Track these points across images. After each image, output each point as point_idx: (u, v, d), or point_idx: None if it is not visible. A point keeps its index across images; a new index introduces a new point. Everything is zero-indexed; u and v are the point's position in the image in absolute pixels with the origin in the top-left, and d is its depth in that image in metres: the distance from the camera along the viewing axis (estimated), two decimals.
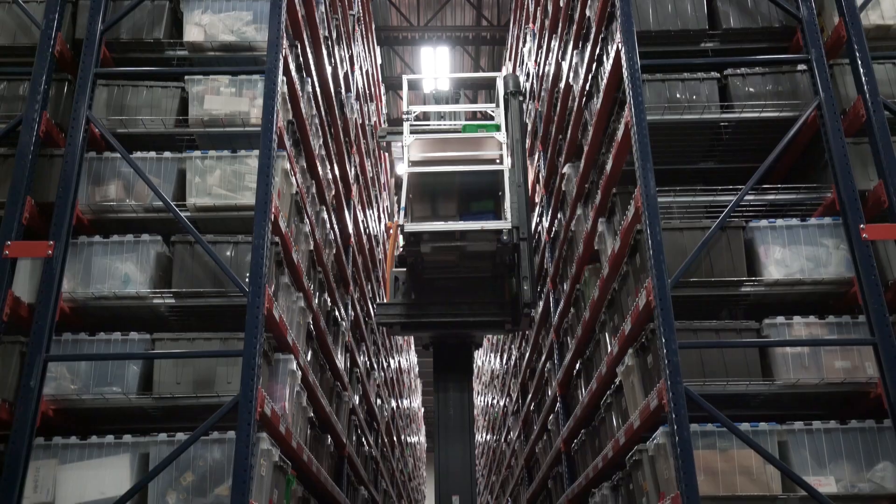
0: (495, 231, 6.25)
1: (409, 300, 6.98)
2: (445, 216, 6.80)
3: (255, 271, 4.58)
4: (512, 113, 7.11)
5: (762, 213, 5.16)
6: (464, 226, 6.26)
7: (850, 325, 4.66)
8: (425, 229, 6.24)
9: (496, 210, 6.68)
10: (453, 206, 6.76)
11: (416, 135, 6.67)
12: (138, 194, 5.05)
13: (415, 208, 6.73)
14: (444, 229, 6.25)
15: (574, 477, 7.40)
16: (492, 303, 6.98)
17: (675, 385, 4.26)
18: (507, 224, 6.24)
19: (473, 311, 6.95)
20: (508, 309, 6.93)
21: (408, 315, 6.96)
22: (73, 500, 4.32)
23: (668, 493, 4.38)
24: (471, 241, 6.35)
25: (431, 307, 6.96)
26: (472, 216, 6.69)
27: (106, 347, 4.73)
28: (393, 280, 7.04)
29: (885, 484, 4.27)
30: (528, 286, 6.49)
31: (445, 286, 7.01)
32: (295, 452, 5.28)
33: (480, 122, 7.32)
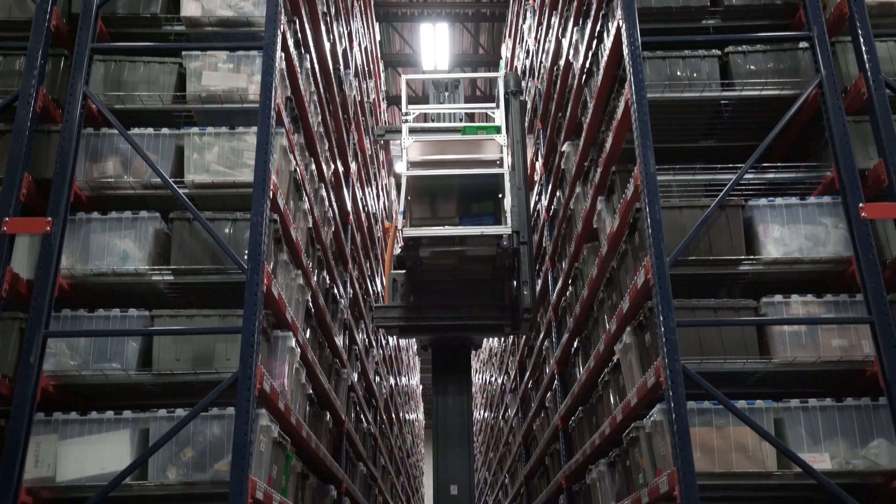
0: (495, 236, 6.19)
1: (408, 303, 6.93)
2: (445, 218, 6.76)
3: (254, 248, 4.58)
4: (512, 113, 6.98)
5: (761, 192, 5.15)
6: (463, 231, 6.20)
7: (847, 304, 4.68)
8: (424, 234, 6.18)
9: (496, 212, 6.62)
10: (452, 208, 6.70)
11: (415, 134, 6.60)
12: (136, 171, 5.03)
13: (414, 210, 6.68)
14: (443, 234, 6.19)
15: (571, 453, 7.45)
16: (491, 306, 6.92)
17: (673, 363, 4.28)
18: (506, 229, 6.17)
19: (473, 314, 6.90)
20: (508, 312, 6.87)
21: (407, 318, 6.90)
22: (73, 475, 4.36)
23: (664, 469, 4.42)
24: (470, 245, 6.29)
25: (431, 310, 6.90)
26: (472, 218, 6.63)
27: (105, 324, 4.74)
28: (391, 282, 6.99)
29: (880, 461, 4.31)
30: (528, 291, 6.42)
31: (444, 289, 6.96)
32: (294, 429, 5.31)
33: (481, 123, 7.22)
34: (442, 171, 6.43)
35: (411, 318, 6.91)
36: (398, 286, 6.98)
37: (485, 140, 6.58)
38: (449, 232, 6.21)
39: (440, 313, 6.91)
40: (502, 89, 7.00)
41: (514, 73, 7.27)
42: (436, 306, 6.93)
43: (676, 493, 4.08)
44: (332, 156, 7.86)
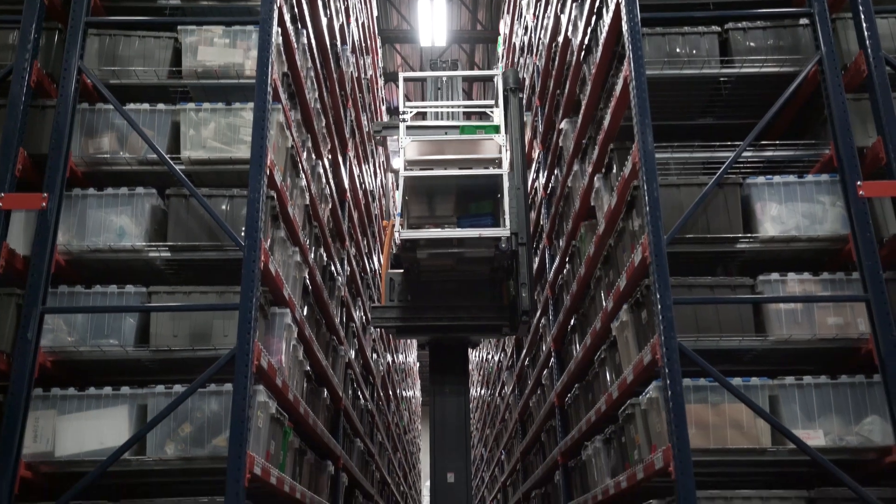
0: (493, 238, 6.12)
1: (406, 303, 6.87)
2: (443, 217, 6.71)
3: (251, 225, 4.57)
4: (512, 111, 6.88)
5: (760, 170, 5.14)
6: (461, 233, 6.13)
7: (843, 282, 4.69)
8: (421, 236, 6.13)
9: (494, 212, 6.56)
10: (450, 207, 6.65)
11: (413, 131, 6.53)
12: (132, 146, 5.01)
13: (411, 208, 6.62)
14: (441, 236, 6.13)
15: (567, 430, 7.50)
16: (489, 307, 6.87)
17: (669, 340, 4.30)
18: (505, 231, 6.10)
19: (471, 315, 6.85)
20: (506, 313, 6.81)
21: (404, 319, 6.86)
22: (72, 450, 4.38)
23: (659, 445, 4.45)
24: (468, 247, 6.22)
25: (428, 310, 6.85)
26: (470, 219, 6.57)
27: (102, 300, 4.74)
28: (388, 282, 6.94)
29: (873, 437, 4.34)
30: (527, 293, 6.36)
31: (442, 289, 6.90)
32: (292, 405, 5.33)
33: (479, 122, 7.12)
34: (440, 172, 6.37)
35: (409, 318, 6.84)
36: (395, 286, 6.92)
37: (483, 140, 6.51)
38: (446, 234, 6.13)
39: (438, 314, 6.84)
40: (501, 86, 6.87)
41: (514, 70, 7.16)
42: (433, 307, 6.85)
43: (671, 469, 4.11)
44: (329, 132, 7.82)
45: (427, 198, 6.59)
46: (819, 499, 4.24)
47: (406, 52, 22.96)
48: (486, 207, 6.67)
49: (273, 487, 4.72)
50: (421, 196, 6.53)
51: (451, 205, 6.64)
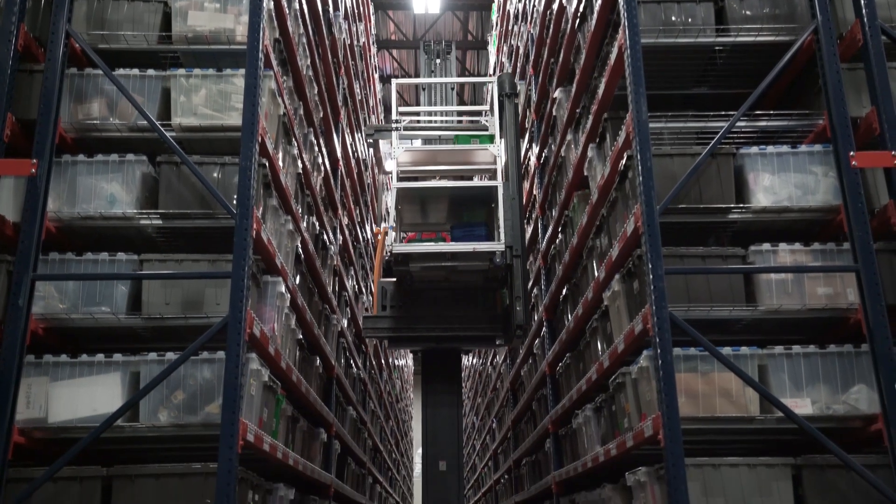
0: (487, 252, 6.03)
1: (398, 312, 6.77)
2: (436, 224, 6.62)
3: (243, 193, 4.55)
4: (507, 117, 6.76)
5: (753, 140, 5.13)
6: (454, 247, 6.05)
7: (834, 253, 4.72)
8: (414, 251, 6.05)
9: (488, 221, 6.48)
10: (444, 213, 6.56)
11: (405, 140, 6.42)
12: (122, 112, 4.95)
13: (404, 215, 6.54)
14: (434, 251, 6.06)
15: (558, 399, 7.57)
16: (483, 317, 6.78)
17: (661, 310, 4.32)
18: (499, 246, 6.02)
19: (464, 325, 6.76)
20: (500, 323, 6.74)
21: (396, 329, 6.77)
22: (65, 416, 4.39)
23: (649, 414, 4.50)
24: (462, 261, 6.13)
25: (421, 321, 6.75)
26: (464, 229, 6.48)
27: (93, 267, 4.72)
28: (380, 290, 6.85)
29: (859, 405, 4.40)
30: (522, 307, 6.28)
31: (435, 298, 6.81)
32: (284, 373, 5.35)
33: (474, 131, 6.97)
34: (433, 184, 6.29)
35: (401, 328, 6.76)
36: (387, 295, 6.83)
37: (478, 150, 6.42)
38: (440, 248, 6.06)
39: (430, 324, 6.75)
40: (496, 92, 6.74)
41: (509, 76, 7.02)
42: (426, 316, 6.75)
43: (661, 436, 4.16)
44: (321, 100, 7.75)
45: (420, 204, 6.49)
46: (805, 466, 4.30)
47: (399, 20, 22.70)
48: (479, 216, 6.60)
49: (266, 454, 4.75)
50: (414, 203, 6.43)
51: (444, 211, 6.55)
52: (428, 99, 9.13)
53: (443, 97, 8.98)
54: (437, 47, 9.08)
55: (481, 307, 6.80)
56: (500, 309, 6.73)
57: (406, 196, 6.35)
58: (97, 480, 4.25)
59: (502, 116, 6.68)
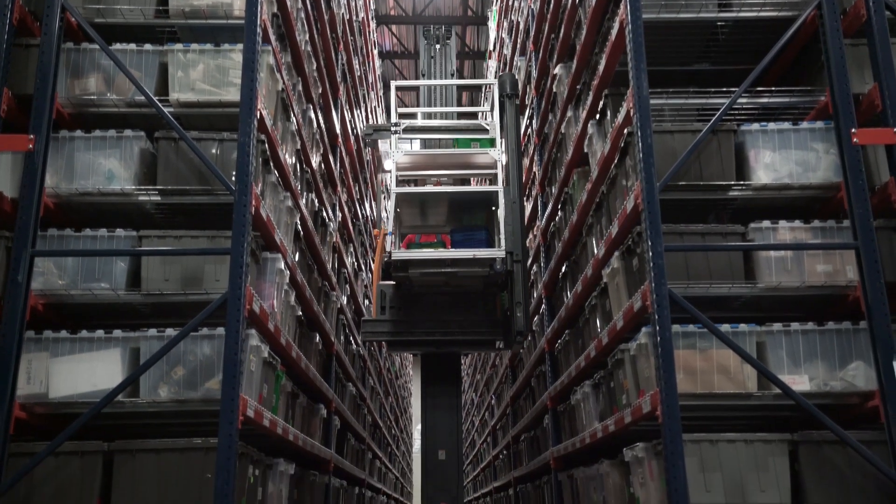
0: (488, 258, 5.98)
1: (397, 316, 6.71)
2: (435, 226, 6.56)
3: (242, 169, 4.53)
4: (508, 119, 6.66)
5: (754, 117, 5.11)
6: (454, 254, 5.99)
7: (833, 230, 4.71)
8: (413, 257, 6.00)
9: (488, 224, 6.41)
10: (443, 216, 6.50)
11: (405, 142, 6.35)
12: (119, 88, 4.92)
13: (403, 217, 6.47)
14: (434, 257, 6.01)
15: (557, 375, 7.61)
16: (482, 321, 6.72)
17: (660, 287, 4.32)
18: (500, 252, 5.95)
19: (463, 329, 6.70)
20: (500, 327, 6.69)
21: (395, 333, 6.71)
22: (66, 392, 4.41)
23: (647, 390, 4.52)
24: (462, 267, 6.07)
25: (420, 325, 6.68)
26: (463, 232, 6.42)
27: (92, 244, 4.71)
28: (379, 294, 6.79)
29: (857, 382, 4.42)
30: (522, 313, 6.24)
31: (434, 301, 6.75)
32: (284, 349, 5.37)
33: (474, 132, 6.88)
34: (433, 189, 6.24)
35: (400, 332, 6.71)
36: (386, 298, 6.77)
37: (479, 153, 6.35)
38: (440, 255, 6.01)
39: (429, 328, 6.68)
40: (497, 93, 6.65)
41: (511, 75, 6.91)
42: (425, 320, 6.69)
43: (659, 413, 4.18)
44: (320, 76, 7.70)
45: (419, 207, 6.44)
46: (802, 441, 4.33)
47: None
48: (479, 219, 6.55)
49: (266, 429, 4.78)
50: (413, 206, 6.37)
51: (443, 213, 6.49)
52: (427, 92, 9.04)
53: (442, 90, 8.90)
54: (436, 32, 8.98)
55: (481, 311, 6.75)
56: (500, 313, 6.69)
57: (405, 199, 6.32)
58: (98, 455, 4.27)
59: (503, 118, 6.60)
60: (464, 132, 6.98)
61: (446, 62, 8.44)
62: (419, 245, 6.59)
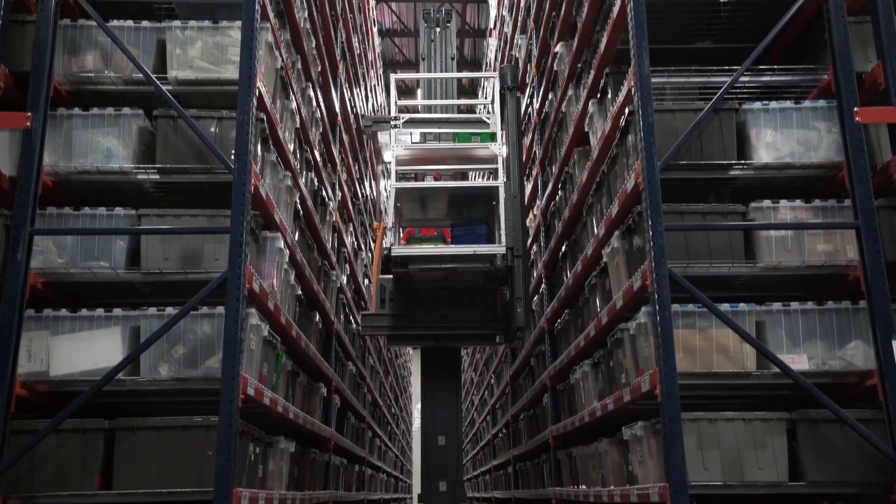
0: (488, 255, 5.96)
1: (397, 310, 6.70)
2: (435, 220, 6.53)
3: (241, 148, 4.51)
4: (509, 111, 6.59)
5: (756, 95, 5.08)
6: (454, 250, 5.99)
7: (834, 209, 4.70)
8: (413, 253, 5.98)
9: (489, 219, 6.38)
10: (443, 209, 6.46)
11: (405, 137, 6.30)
12: (117, 65, 4.88)
13: (403, 211, 6.44)
14: (434, 254, 5.99)
15: (556, 355, 7.62)
16: (482, 315, 6.72)
17: (660, 266, 4.32)
18: (500, 248, 5.94)
19: (463, 323, 6.70)
20: (499, 322, 6.67)
21: (395, 327, 6.71)
22: (66, 370, 4.42)
23: (646, 369, 4.53)
24: (462, 263, 6.06)
25: (420, 319, 6.68)
26: (463, 227, 6.38)
27: (91, 222, 4.70)
28: (379, 288, 6.77)
29: (855, 361, 4.43)
30: (522, 308, 6.22)
31: (434, 296, 6.74)
32: (284, 328, 5.38)
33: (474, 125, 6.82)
34: (433, 185, 6.22)
35: (400, 326, 6.71)
36: (386, 292, 6.76)
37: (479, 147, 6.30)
38: (440, 251, 6.01)
39: (429, 322, 6.68)
40: (498, 86, 6.57)
41: (512, 67, 6.83)
42: (425, 314, 6.69)
43: (658, 391, 4.19)
44: (319, 54, 7.64)
45: (419, 202, 6.41)
46: (800, 420, 4.35)
47: None
48: (479, 213, 6.52)
49: (266, 408, 4.80)
50: (413, 200, 6.35)
51: (443, 207, 6.47)
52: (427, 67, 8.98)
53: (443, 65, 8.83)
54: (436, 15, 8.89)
55: (481, 306, 6.76)
56: (500, 307, 6.69)
57: (405, 193, 6.30)
58: (100, 433, 4.30)
59: (504, 110, 6.54)
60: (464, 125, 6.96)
61: (446, 46, 8.37)
62: (419, 239, 6.58)
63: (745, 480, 4.25)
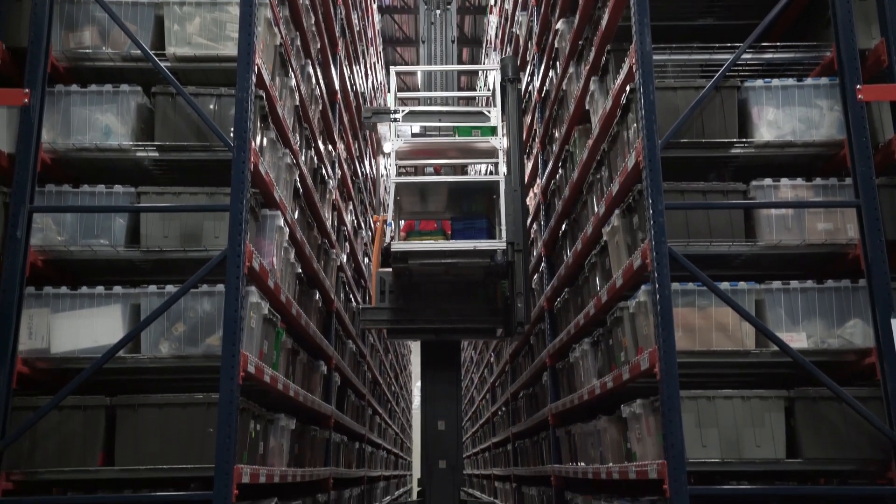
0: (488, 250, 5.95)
1: (397, 304, 6.68)
2: (435, 213, 6.50)
3: (240, 125, 4.49)
4: (509, 104, 6.53)
5: (759, 73, 5.04)
6: (455, 245, 5.97)
7: (835, 188, 4.69)
8: (413, 248, 5.96)
9: (489, 212, 6.35)
10: (443, 202, 6.43)
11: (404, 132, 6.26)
12: (114, 41, 4.84)
13: (403, 203, 6.41)
14: (434, 249, 5.98)
15: (556, 333, 7.65)
16: (482, 309, 6.70)
17: (660, 245, 4.32)
18: (501, 244, 5.92)
19: (464, 317, 6.68)
20: (500, 315, 6.66)
21: (395, 321, 6.69)
22: (67, 347, 4.44)
23: (646, 347, 4.55)
24: (462, 258, 6.05)
25: (420, 312, 6.66)
26: (464, 221, 6.36)
27: (90, 200, 4.69)
28: (379, 281, 6.75)
29: (854, 339, 4.44)
30: (523, 303, 6.20)
31: (434, 289, 6.72)
32: (284, 306, 5.39)
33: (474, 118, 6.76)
34: (433, 179, 6.19)
35: (400, 320, 6.70)
36: (386, 285, 6.74)
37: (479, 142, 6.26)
38: (440, 247, 6.00)
39: (430, 315, 6.67)
40: (499, 77, 6.51)
41: (512, 58, 6.75)
42: (425, 308, 6.67)
43: (657, 369, 4.21)
44: (318, 31, 7.59)
45: (419, 195, 6.39)
46: (798, 398, 4.37)
47: None
48: (479, 205, 6.49)
49: (267, 385, 4.82)
50: (413, 193, 6.33)
51: (443, 200, 6.45)
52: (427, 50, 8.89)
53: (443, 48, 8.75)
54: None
55: (481, 299, 6.75)
56: (501, 301, 6.69)
57: (405, 187, 6.28)
58: (101, 409, 4.32)
59: (504, 102, 6.49)
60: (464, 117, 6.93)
61: (447, 28, 8.29)
62: (419, 232, 6.58)
63: (743, 458, 4.28)
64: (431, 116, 6.63)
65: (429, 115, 6.64)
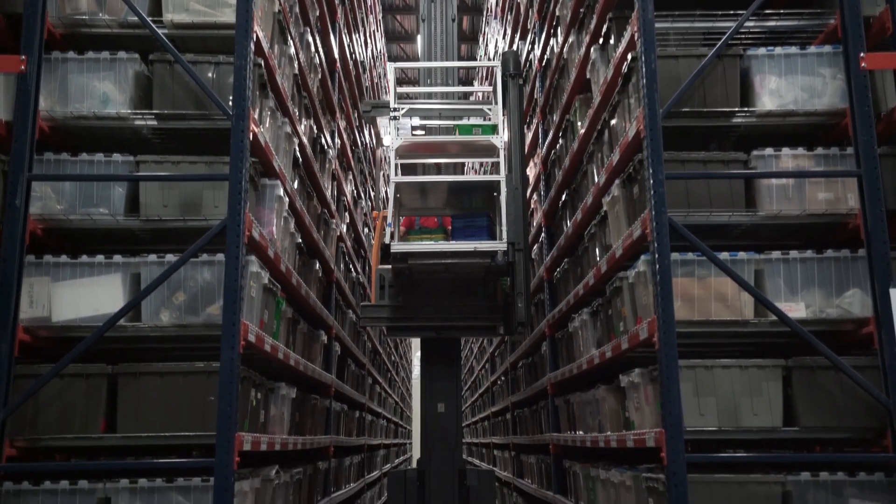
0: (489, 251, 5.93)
1: (396, 301, 6.66)
2: (435, 208, 6.46)
3: (239, 93, 4.46)
4: (511, 100, 6.44)
5: (761, 41, 5.00)
6: (455, 246, 5.94)
7: (837, 157, 4.67)
8: (413, 249, 5.94)
9: (490, 210, 6.31)
10: (443, 198, 6.38)
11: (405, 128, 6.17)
12: (111, 8, 4.79)
13: (403, 200, 6.36)
14: (434, 250, 5.96)
15: (555, 303, 7.67)
16: (483, 307, 6.68)
17: (660, 215, 4.31)
18: (502, 245, 5.89)
19: (464, 315, 6.66)
20: (500, 313, 6.65)
21: (395, 318, 6.67)
22: (68, 316, 4.45)
23: (645, 317, 4.56)
24: (462, 258, 6.03)
25: (420, 310, 6.64)
26: (464, 219, 6.30)
27: (89, 168, 4.67)
28: (378, 278, 6.71)
29: (852, 309, 4.46)
30: (523, 303, 6.17)
31: (434, 287, 6.69)
32: (284, 276, 5.39)
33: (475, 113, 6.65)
34: (434, 178, 6.15)
35: (399, 318, 6.69)
36: (385, 283, 6.71)
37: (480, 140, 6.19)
38: (440, 248, 5.97)
39: (430, 313, 6.64)
40: (500, 72, 6.43)
41: (514, 53, 6.65)
42: (425, 305, 6.66)
43: (655, 339, 4.23)
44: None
45: (419, 192, 6.35)
46: (795, 367, 4.39)
47: None
48: (480, 202, 6.45)
49: (267, 354, 4.85)
50: (413, 190, 6.29)
51: (443, 197, 6.41)
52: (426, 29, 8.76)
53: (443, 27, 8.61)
54: None
55: (482, 297, 6.75)
56: (501, 299, 6.70)
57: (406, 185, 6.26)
58: (103, 378, 4.35)
59: (506, 98, 6.43)
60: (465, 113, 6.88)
61: (447, 6, 8.16)
62: (419, 228, 6.57)
63: (740, 426, 4.32)
64: (432, 111, 6.60)
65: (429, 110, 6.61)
